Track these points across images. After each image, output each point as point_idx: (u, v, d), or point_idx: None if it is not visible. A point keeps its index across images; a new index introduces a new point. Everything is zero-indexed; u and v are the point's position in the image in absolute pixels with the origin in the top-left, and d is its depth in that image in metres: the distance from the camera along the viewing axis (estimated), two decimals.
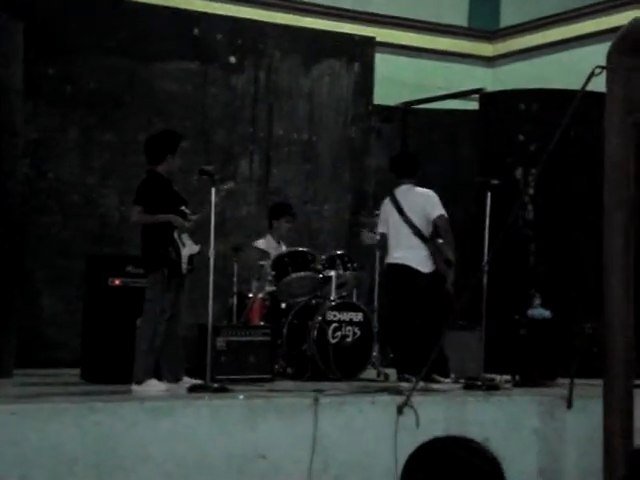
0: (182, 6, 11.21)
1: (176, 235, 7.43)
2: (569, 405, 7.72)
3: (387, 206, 8.61)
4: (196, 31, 10.76)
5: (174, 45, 10.60)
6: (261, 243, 9.56)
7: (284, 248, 9.49)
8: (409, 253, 8.36)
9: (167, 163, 7.59)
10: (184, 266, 7.44)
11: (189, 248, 7.47)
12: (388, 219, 8.58)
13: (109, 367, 8.03)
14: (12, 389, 7.49)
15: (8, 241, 8.51)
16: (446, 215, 8.38)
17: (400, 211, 8.45)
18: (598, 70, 6.52)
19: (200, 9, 11.35)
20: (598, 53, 6.78)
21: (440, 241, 8.35)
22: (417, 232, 8.36)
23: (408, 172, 8.61)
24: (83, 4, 10.20)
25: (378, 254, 9.45)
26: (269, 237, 9.64)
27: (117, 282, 8.26)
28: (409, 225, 8.39)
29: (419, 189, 8.52)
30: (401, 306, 8.41)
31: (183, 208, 7.55)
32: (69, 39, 10.02)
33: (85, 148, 10.14)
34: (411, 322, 8.29)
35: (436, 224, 8.37)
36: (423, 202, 8.41)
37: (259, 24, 11.39)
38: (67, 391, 7.32)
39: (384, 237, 8.64)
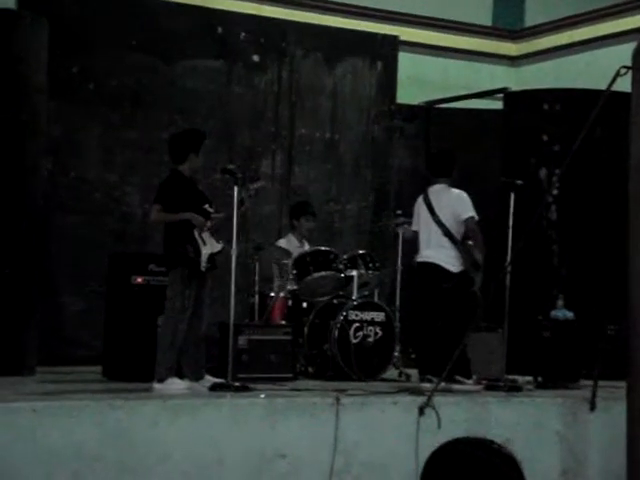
0: (206, 4, 11.21)
1: (196, 233, 7.41)
2: (592, 407, 7.68)
3: (420, 204, 8.55)
4: (219, 29, 10.76)
5: (197, 43, 10.61)
6: (283, 242, 9.56)
7: (307, 247, 9.49)
8: (438, 252, 8.30)
9: (190, 162, 7.57)
10: (203, 264, 7.41)
11: (210, 246, 7.45)
12: (420, 217, 8.54)
13: (131, 365, 8.05)
14: (34, 386, 7.49)
15: (31, 239, 8.53)
16: (476, 217, 8.27)
17: (431, 210, 8.38)
18: (624, 70, 6.46)
19: (223, 7, 11.35)
20: (623, 53, 6.72)
21: (470, 243, 8.29)
22: (446, 232, 8.28)
23: (444, 171, 8.50)
24: (107, 3, 10.22)
25: (400, 254, 9.42)
26: (291, 236, 9.64)
27: (139, 280, 8.27)
28: (439, 225, 8.31)
29: (452, 190, 8.41)
30: (427, 305, 8.37)
31: (206, 207, 7.54)
32: (93, 37, 10.04)
33: (108, 146, 10.16)
34: (435, 322, 8.25)
35: (466, 226, 8.31)
36: (454, 203, 8.32)
37: (282, 22, 11.37)
38: (88, 389, 7.33)
39: (416, 235, 8.60)
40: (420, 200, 8.55)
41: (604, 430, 7.62)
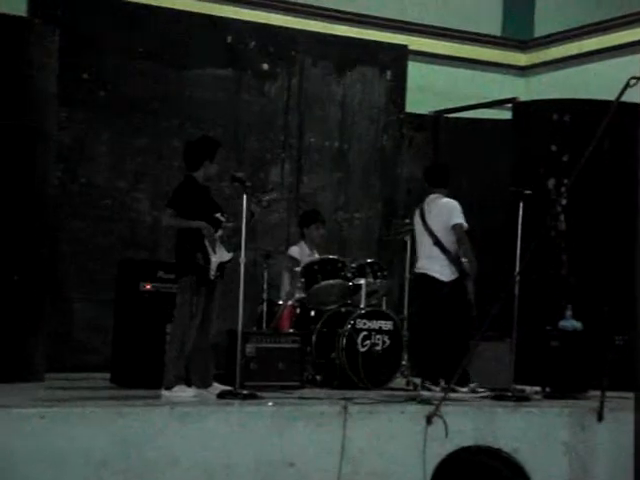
0: (215, 13, 11.24)
1: (207, 242, 7.42)
2: (600, 418, 7.67)
3: (416, 215, 8.67)
4: (229, 38, 10.79)
5: (207, 52, 10.63)
6: (294, 250, 9.56)
7: (317, 256, 9.49)
8: (429, 262, 8.46)
9: (204, 169, 7.59)
10: (212, 273, 7.42)
11: (220, 255, 7.46)
12: (415, 228, 8.67)
13: (139, 372, 8.05)
14: (42, 393, 7.51)
15: (40, 245, 8.55)
16: (465, 225, 8.39)
17: (423, 220, 8.52)
18: (633, 81, 6.48)
19: (233, 16, 11.38)
20: (633, 63, 6.74)
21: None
22: (437, 242, 8.42)
23: (439, 182, 8.65)
24: (118, 10, 10.26)
25: (408, 263, 9.44)
26: (303, 244, 9.65)
27: (148, 287, 8.28)
28: (430, 234, 8.46)
29: (444, 199, 8.55)
30: (425, 314, 8.44)
31: (218, 215, 7.55)
32: (103, 45, 10.07)
33: (118, 153, 10.18)
34: (435, 331, 8.30)
35: (454, 233, 8.39)
36: (443, 211, 8.46)
37: (292, 31, 11.42)
38: (97, 395, 7.35)
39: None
40: (416, 211, 8.67)
41: (612, 441, 7.60)
